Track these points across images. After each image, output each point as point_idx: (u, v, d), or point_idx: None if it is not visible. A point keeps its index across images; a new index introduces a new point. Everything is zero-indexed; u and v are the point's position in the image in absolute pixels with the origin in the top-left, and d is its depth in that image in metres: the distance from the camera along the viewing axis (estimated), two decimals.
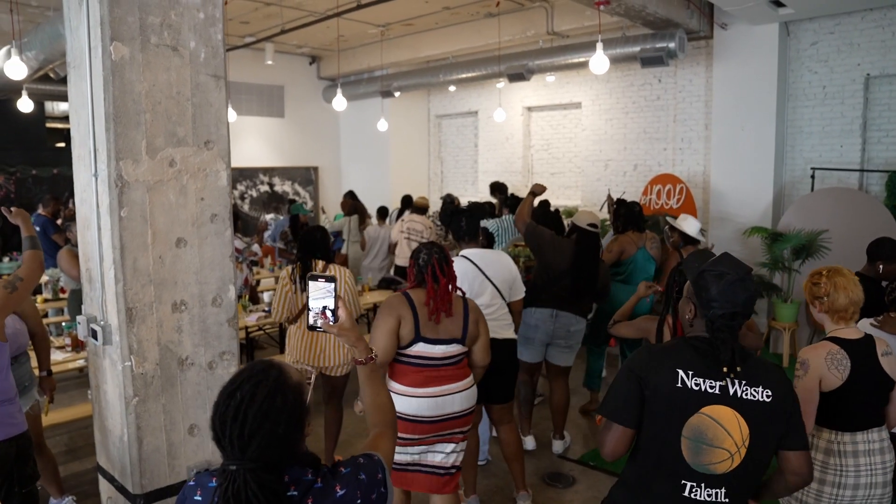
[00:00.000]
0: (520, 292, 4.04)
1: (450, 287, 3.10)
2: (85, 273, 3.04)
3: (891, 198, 6.52)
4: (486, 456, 4.49)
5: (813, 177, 7.05)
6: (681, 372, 1.90)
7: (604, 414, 2.00)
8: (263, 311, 5.29)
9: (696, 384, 1.89)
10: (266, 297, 6.02)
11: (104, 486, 3.12)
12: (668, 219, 5.13)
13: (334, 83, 11.19)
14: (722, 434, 1.86)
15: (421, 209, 7.96)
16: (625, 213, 5.48)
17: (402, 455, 3.09)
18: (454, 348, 3.11)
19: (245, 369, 1.42)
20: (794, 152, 7.51)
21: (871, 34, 6.85)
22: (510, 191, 9.30)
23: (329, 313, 1.71)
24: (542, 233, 4.67)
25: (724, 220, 7.74)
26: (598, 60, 4.98)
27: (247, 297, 5.43)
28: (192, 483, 1.49)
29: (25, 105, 6.83)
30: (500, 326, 3.86)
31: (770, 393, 1.89)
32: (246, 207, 10.48)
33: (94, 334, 2.85)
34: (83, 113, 2.84)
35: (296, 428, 1.37)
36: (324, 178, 11.82)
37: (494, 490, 4.17)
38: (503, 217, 6.49)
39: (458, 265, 3.68)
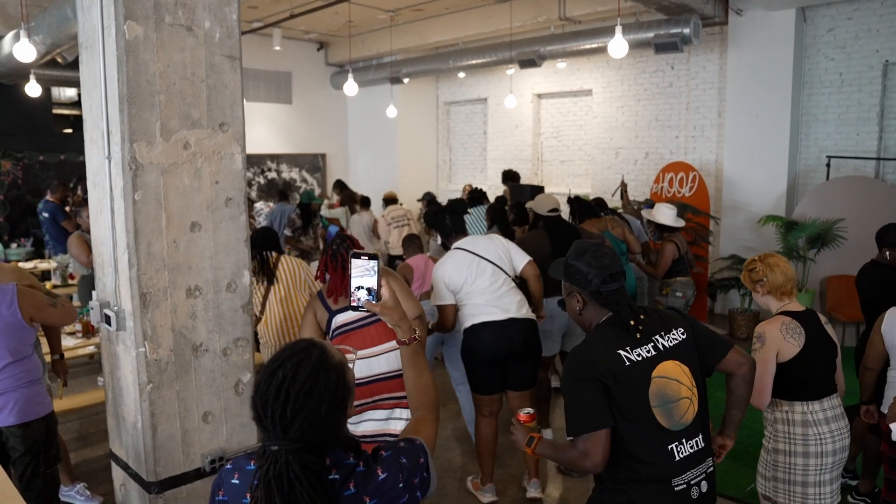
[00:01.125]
0: (522, 258, 3.90)
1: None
2: (98, 258, 2.99)
3: None
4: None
5: (828, 165, 6.96)
6: (621, 352, 1.98)
7: (580, 430, 1.94)
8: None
9: (638, 355, 1.99)
10: None
11: (117, 472, 3.09)
12: (643, 212, 5.23)
13: (343, 69, 11.12)
14: (677, 386, 1.99)
15: (393, 199, 8.62)
16: (578, 209, 5.58)
17: (352, 427, 3.18)
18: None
19: (286, 348, 1.38)
20: (809, 140, 7.41)
21: (891, 20, 6.74)
22: (522, 179, 9.24)
23: (370, 292, 1.69)
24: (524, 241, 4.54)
25: (736, 209, 7.66)
26: (617, 44, 4.91)
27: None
28: (229, 466, 1.44)
29: (33, 90, 6.77)
30: (513, 304, 3.73)
31: (682, 330, 2.09)
32: (253, 194, 10.42)
33: (107, 320, 2.80)
34: (95, 94, 2.78)
35: (339, 408, 1.33)
36: (331, 166, 11.75)
37: (509, 479, 4.13)
38: (471, 210, 6.63)
39: (454, 258, 3.79)
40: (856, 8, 6.93)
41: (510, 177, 8.96)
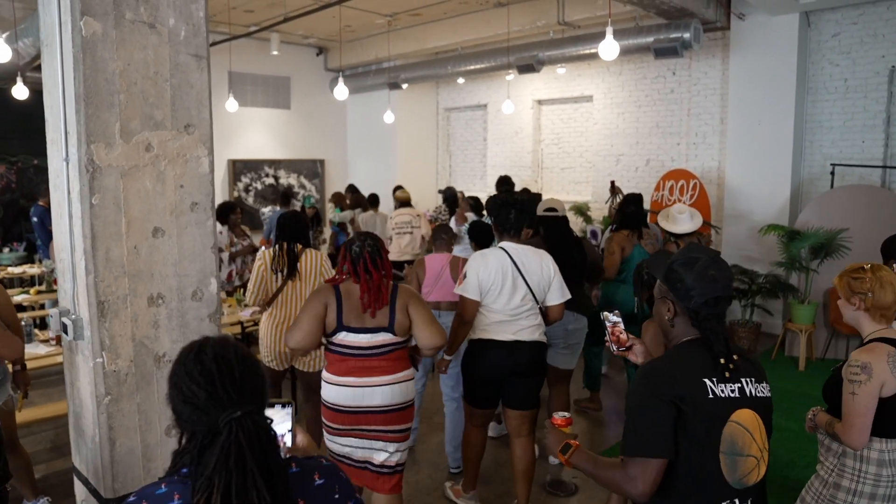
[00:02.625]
0: (556, 297, 3.56)
1: (384, 279, 3.02)
2: (59, 264, 2.88)
3: None
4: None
5: (833, 173, 6.79)
6: (707, 381, 1.73)
7: (638, 452, 1.71)
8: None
9: (722, 391, 1.74)
10: None
11: (79, 487, 2.96)
12: (659, 220, 5.00)
13: (343, 75, 11.02)
14: (749, 440, 1.74)
15: (405, 202, 8.00)
16: (633, 212, 5.20)
17: (334, 445, 3.09)
18: (381, 337, 3.00)
19: (187, 346, 1.36)
20: (813, 148, 7.25)
21: None
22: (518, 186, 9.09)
23: (288, 437, 1.62)
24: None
25: (738, 218, 7.49)
26: (608, 46, 4.78)
27: (241, 291, 5.28)
28: (132, 498, 1.32)
29: (20, 92, 6.70)
30: (526, 328, 3.51)
31: (768, 387, 1.85)
32: (250, 200, 10.33)
33: (65, 328, 2.68)
34: (55, 93, 2.67)
35: (266, 383, 1.34)
36: (330, 171, 11.65)
37: (494, 497, 3.98)
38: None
39: (496, 256, 3.49)
40: (861, 13, 6.77)
41: (504, 182, 8.83)
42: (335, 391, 3.03)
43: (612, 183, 7.69)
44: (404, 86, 10.20)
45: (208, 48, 2.90)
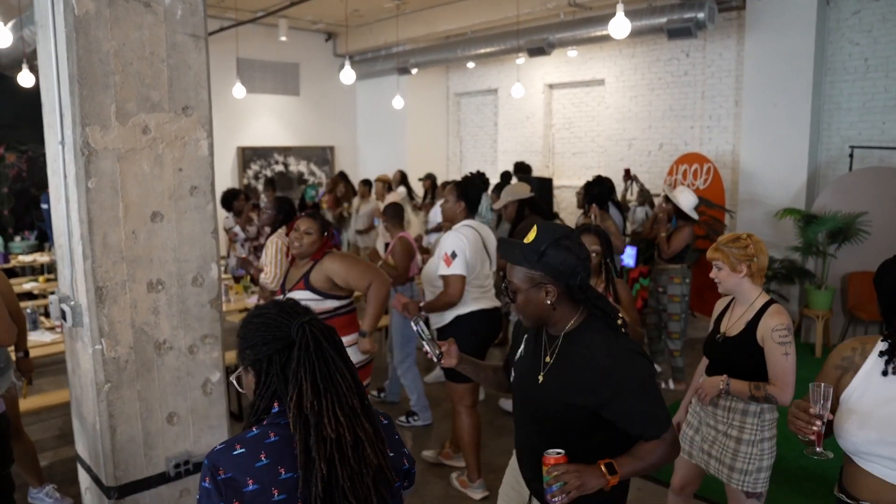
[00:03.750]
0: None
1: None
2: (58, 250, 2.83)
3: None
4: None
5: (851, 156, 6.62)
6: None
7: (667, 422, 1.79)
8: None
9: None
10: None
11: (82, 475, 2.95)
12: (664, 188, 5.05)
13: (352, 61, 10.93)
14: None
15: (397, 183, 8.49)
16: (597, 193, 5.42)
17: None
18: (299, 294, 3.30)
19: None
20: (831, 130, 7.07)
21: None
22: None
23: None
24: None
25: (753, 202, 7.34)
26: (619, 23, 4.66)
27: (248, 277, 5.24)
28: (220, 447, 1.36)
29: (26, 79, 6.68)
30: (492, 294, 3.90)
31: None
32: (260, 188, 10.28)
33: (63, 315, 2.64)
34: (50, 75, 2.61)
35: None
36: (340, 158, 11.58)
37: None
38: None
39: (471, 233, 3.71)
40: None
41: (521, 169, 8.74)
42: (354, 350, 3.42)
43: (627, 171, 7.56)
44: (414, 71, 10.08)
45: (206, 28, 2.84)
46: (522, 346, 2.03)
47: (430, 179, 9.09)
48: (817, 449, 1.76)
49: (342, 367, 1.37)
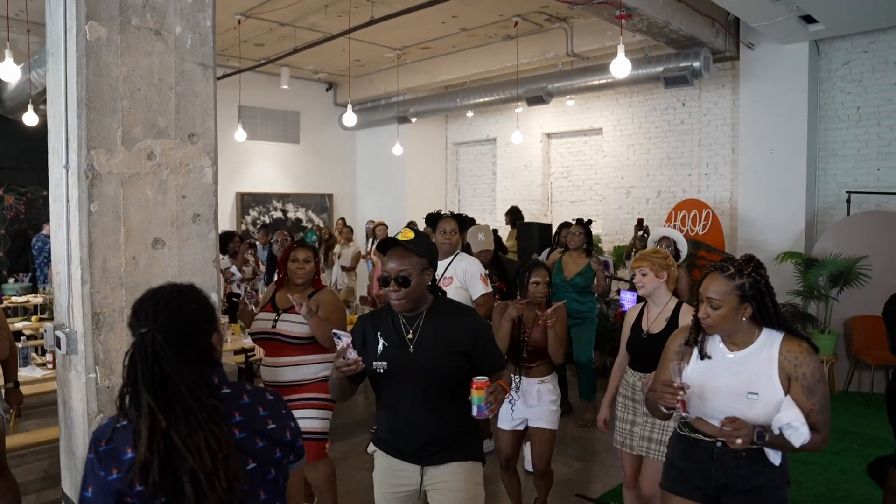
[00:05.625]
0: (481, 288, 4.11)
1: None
2: (55, 277, 2.78)
3: None
4: None
5: (849, 201, 6.67)
6: None
7: None
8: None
9: None
10: None
11: None
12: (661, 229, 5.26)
13: (353, 109, 11.09)
14: None
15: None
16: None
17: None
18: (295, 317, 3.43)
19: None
20: (828, 176, 7.14)
21: None
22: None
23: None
24: None
25: (752, 248, 7.33)
26: (620, 63, 4.77)
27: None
28: (105, 422, 1.47)
29: (30, 119, 6.73)
30: None
31: None
32: (257, 234, 10.26)
33: (58, 342, 2.56)
34: (59, 102, 2.61)
35: (208, 319, 1.53)
36: (338, 206, 11.63)
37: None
38: None
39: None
40: (871, 40, 6.75)
41: (514, 213, 8.87)
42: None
43: (640, 220, 7.63)
44: (413, 119, 10.22)
45: (214, 58, 2.86)
46: (381, 342, 2.30)
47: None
48: (682, 413, 2.13)
49: (179, 370, 1.39)
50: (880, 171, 6.77)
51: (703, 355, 2.20)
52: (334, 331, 2.24)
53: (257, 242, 8.27)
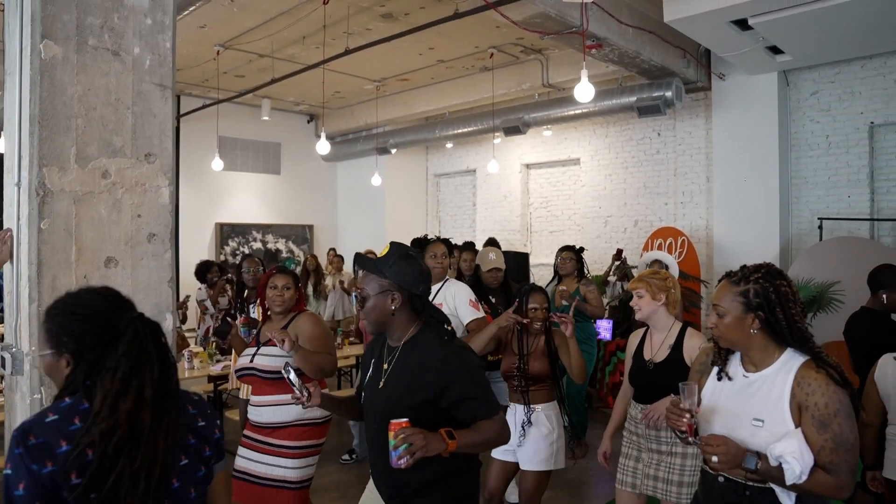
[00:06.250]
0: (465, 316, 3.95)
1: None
2: (7, 297, 2.73)
3: None
4: None
5: (821, 227, 6.74)
6: None
7: (498, 408, 2.11)
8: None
9: None
10: None
11: None
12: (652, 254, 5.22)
13: (333, 141, 11.15)
14: None
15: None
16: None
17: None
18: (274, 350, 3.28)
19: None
20: (800, 203, 7.23)
21: (873, 82, 6.70)
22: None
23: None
24: None
25: None
26: (583, 88, 4.83)
27: (213, 345, 5.09)
28: (31, 419, 1.44)
29: None
30: None
31: None
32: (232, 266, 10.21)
33: (2, 362, 2.51)
34: (13, 120, 2.60)
35: None
36: (319, 237, 11.61)
37: None
38: None
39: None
40: (837, 71, 6.90)
41: (490, 243, 8.84)
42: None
43: (620, 251, 7.67)
44: (393, 150, 10.29)
45: (174, 78, 2.87)
46: (371, 367, 2.21)
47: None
48: (690, 439, 1.89)
49: (155, 361, 1.47)
50: (850, 197, 6.87)
51: (721, 375, 2.00)
52: (285, 362, 2.21)
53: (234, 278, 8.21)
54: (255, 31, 7.13)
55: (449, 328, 2.12)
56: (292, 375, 2.16)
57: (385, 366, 2.11)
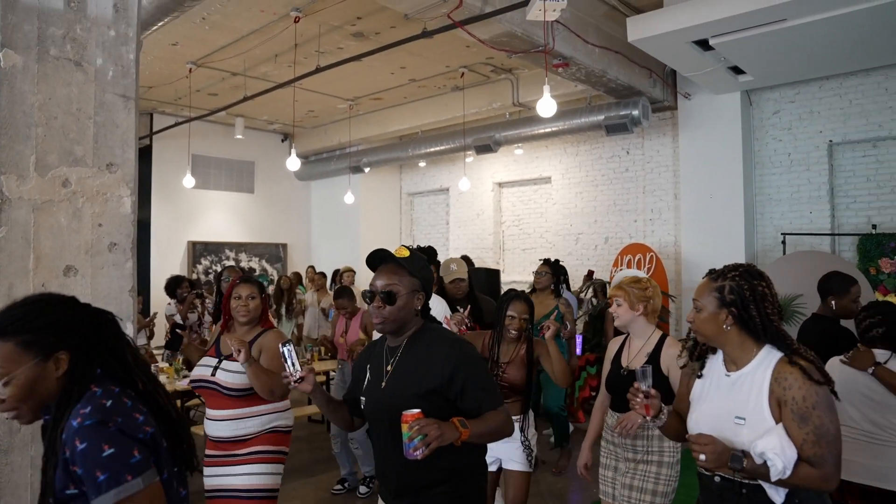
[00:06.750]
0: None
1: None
2: None
3: (863, 261, 6.35)
4: None
5: (784, 242, 6.89)
6: None
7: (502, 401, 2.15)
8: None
9: None
10: None
11: None
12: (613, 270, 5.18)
13: (307, 160, 11.19)
14: None
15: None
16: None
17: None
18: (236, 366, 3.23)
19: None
20: (765, 219, 7.40)
21: (830, 102, 6.91)
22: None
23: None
24: None
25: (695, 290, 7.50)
26: (545, 103, 4.93)
27: (180, 360, 5.05)
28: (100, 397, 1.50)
29: None
30: None
31: None
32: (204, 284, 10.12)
33: None
34: None
35: None
36: (293, 255, 11.57)
37: None
38: None
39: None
40: (797, 91, 7.12)
41: (465, 260, 8.85)
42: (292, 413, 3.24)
43: (591, 272, 7.76)
44: (366, 169, 10.34)
45: (137, 90, 2.88)
46: (368, 375, 2.17)
47: None
48: (648, 420, 2.02)
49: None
50: (812, 213, 7.04)
51: (700, 374, 2.04)
52: (281, 342, 2.19)
53: (206, 295, 8.14)
54: (228, 49, 7.17)
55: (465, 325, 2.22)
56: (288, 352, 2.13)
57: (387, 367, 2.09)
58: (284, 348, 2.15)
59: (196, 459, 1.68)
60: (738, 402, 1.89)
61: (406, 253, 2.11)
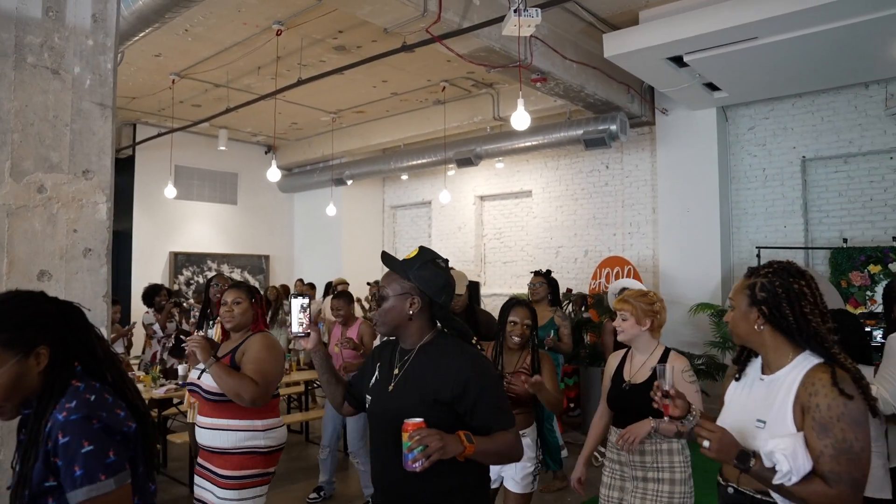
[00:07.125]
0: None
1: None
2: None
3: (834, 274, 6.48)
4: None
5: (759, 256, 7.01)
6: None
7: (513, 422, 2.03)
8: (176, 384, 4.88)
9: None
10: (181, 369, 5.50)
11: None
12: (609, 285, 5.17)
13: (290, 172, 11.23)
14: None
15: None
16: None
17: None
18: None
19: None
20: (741, 233, 7.53)
21: (803, 119, 7.08)
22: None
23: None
24: None
25: (673, 304, 7.55)
26: (519, 116, 5.05)
27: (157, 369, 5.03)
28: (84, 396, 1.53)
29: None
30: None
31: None
32: (190, 295, 10.09)
33: None
34: None
35: None
36: (275, 267, 11.57)
37: None
38: None
39: None
40: (771, 108, 7.28)
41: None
42: (281, 432, 3.12)
43: (570, 290, 7.83)
44: (349, 182, 10.39)
45: (115, 98, 2.92)
46: (377, 371, 2.08)
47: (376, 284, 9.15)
48: (666, 419, 1.91)
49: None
50: (786, 227, 7.18)
51: (740, 375, 1.97)
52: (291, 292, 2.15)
53: (184, 303, 8.11)
54: (211, 61, 7.21)
55: (474, 341, 2.04)
56: (296, 304, 2.10)
57: (396, 370, 1.99)
58: (293, 300, 2.11)
59: (157, 457, 1.73)
60: (762, 406, 1.81)
61: (412, 254, 2.01)
